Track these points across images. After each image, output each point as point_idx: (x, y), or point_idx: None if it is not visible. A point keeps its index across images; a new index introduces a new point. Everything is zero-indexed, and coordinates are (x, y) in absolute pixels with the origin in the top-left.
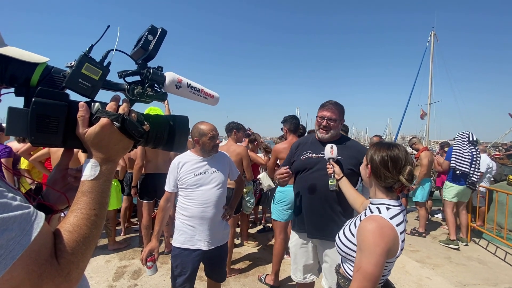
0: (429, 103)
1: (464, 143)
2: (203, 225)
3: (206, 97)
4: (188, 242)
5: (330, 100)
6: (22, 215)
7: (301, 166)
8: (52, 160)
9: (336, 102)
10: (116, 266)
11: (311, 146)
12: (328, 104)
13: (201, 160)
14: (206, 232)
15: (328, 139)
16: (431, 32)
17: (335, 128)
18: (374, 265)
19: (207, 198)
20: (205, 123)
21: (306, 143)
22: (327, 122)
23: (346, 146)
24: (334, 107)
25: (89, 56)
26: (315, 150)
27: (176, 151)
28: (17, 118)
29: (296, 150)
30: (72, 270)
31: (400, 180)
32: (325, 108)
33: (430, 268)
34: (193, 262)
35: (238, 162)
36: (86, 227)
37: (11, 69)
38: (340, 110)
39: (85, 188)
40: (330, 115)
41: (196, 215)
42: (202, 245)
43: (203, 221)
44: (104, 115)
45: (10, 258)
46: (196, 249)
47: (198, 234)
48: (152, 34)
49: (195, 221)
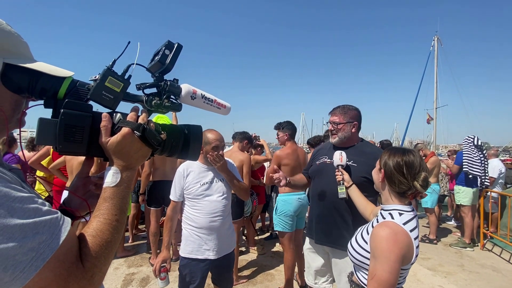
0: (435, 107)
1: (471, 147)
2: (211, 235)
3: (219, 107)
4: (196, 252)
5: (340, 105)
6: (51, 220)
7: (315, 171)
8: (67, 168)
9: (345, 105)
10: (125, 273)
11: (328, 152)
12: (335, 109)
13: (206, 169)
14: (214, 242)
15: (337, 143)
16: (435, 37)
17: (342, 131)
18: (389, 272)
19: (214, 208)
20: (212, 132)
21: (325, 148)
22: (332, 126)
23: (363, 152)
24: (338, 111)
25: (112, 70)
26: (331, 156)
27: (191, 159)
28: (47, 128)
29: (315, 155)
30: (95, 273)
31: (415, 186)
32: (331, 113)
33: (442, 276)
34: (202, 271)
35: (239, 168)
36: (108, 232)
37: (41, 83)
38: (347, 113)
39: (107, 194)
40: (334, 119)
41: (203, 226)
42: (210, 254)
43: (211, 231)
44: (126, 125)
45: (41, 260)
46: (204, 259)
47: (206, 244)
48: (169, 48)
49: (203, 231)
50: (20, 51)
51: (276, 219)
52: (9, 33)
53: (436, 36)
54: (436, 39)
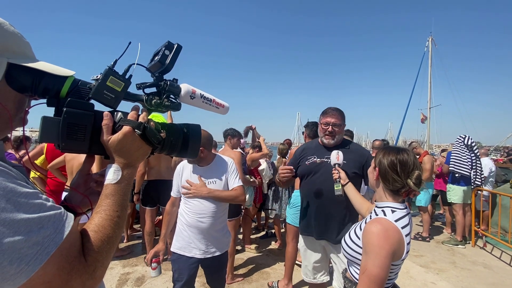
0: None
1: (461, 147)
2: (198, 234)
3: (217, 106)
4: (185, 248)
5: (330, 106)
6: (55, 215)
7: (306, 170)
8: (67, 168)
9: (337, 108)
10: (120, 273)
11: (316, 151)
12: (330, 110)
13: (199, 168)
14: (202, 242)
15: (334, 144)
16: (429, 38)
17: (339, 133)
18: (379, 267)
19: (203, 209)
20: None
21: (310, 147)
22: (332, 128)
23: (350, 150)
24: (337, 113)
25: (113, 70)
26: (320, 155)
27: (190, 157)
28: (50, 126)
29: (300, 155)
30: (97, 268)
31: (408, 184)
32: (328, 114)
33: (434, 273)
34: (189, 269)
35: None
36: (110, 228)
37: (44, 82)
38: (342, 115)
39: (108, 191)
40: (334, 121)
41: (192, 224)
42: (197, 253)
43: (199, 230)
44: (127, 124)
45: (45, 254)
46: (191, 257)
47: (194, 242)
48: (169, 49)
49: (191, 229)
50: (23, 51)
51: (289, 212)
52: (13, 33)
53: (430, 37)
54: (430, 39)
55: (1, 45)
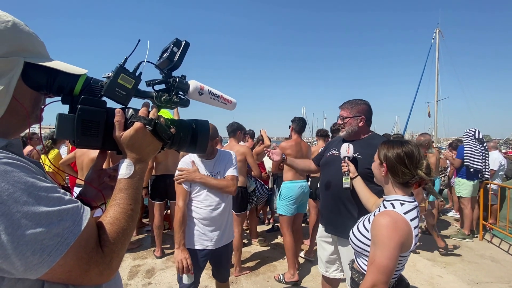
0: (436, 100)
1: (473, 141)
2: (209, 226)
3: (225, 102)
4: (196, 243)
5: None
6: (73, 208)
7: (324, 162)
8: (78, 164)
9: (354, 100)
10: (130, 265)
11: (337, 144)
12: (344, 103)
13: (202, 162)
14: (213, 233)
15: (345, 136)
16: (436, 29)
17: (349, 125)
18: (388, 258)
19: (211, 201)
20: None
21: (335, 141)
22: (340, 120)
23: (370, 144)
24: (345, 105)
25: (124, 67)
26: (339, 148)
27: (199, 153)
28: (66, 123)
29: (326, 147)
30: (113, 258)
31: (419, 174)
32: (340, 107)
33: (441, 266)
34: (199, 262)
35: (243, 162)
36: (124, 220)
37: (59, 80)
38: (354, 108)
39: (122, 185)
40: (341, 113)
41: (201, 217)
42: (209, 245)
43: (209, 222)
44: (138, 120)
45: (65, 245)
46: (202, 249)
47: (206, 234)
48: (177, 46)
49: (204, 222)
50: (38, 50)
51: (280, 204)
52: (28, 33)
53: (437, 29)
54: (437, 31)
55: (18, 44)
